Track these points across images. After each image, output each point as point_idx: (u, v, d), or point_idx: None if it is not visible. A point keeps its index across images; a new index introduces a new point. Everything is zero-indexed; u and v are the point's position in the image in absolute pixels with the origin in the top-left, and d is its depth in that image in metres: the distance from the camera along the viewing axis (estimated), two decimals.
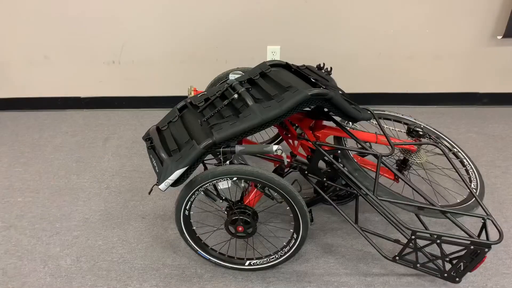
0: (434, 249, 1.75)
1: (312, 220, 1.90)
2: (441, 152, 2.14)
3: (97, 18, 2.63)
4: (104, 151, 2.54)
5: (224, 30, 2.66)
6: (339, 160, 1.81)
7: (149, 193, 1.52)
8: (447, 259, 1.58)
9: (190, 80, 2.85)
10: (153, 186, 1.54)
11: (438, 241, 1.47)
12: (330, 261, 1.79)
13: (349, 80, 2.85)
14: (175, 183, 1.46)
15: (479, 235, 1.52)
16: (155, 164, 1.52)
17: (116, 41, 2.71)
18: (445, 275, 1.57)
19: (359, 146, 1.85)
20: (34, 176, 2.33)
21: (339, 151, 1.79)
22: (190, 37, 2.70)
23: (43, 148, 2.57)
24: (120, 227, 1.98)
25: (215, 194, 1.64)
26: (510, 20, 2.52)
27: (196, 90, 1.92)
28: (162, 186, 1.44)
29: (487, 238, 1.47)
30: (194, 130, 1.56)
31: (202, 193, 1.58)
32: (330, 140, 2.30)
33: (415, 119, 2.09)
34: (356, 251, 1.83)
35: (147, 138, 1.65)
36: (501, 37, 2.61)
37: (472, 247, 1.45)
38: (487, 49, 2.71)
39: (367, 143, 2.11)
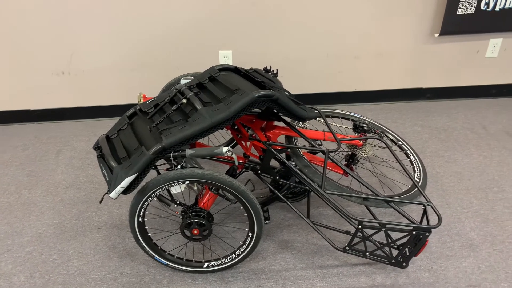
0: (384, 239, 1.84)
1: (268, 219, 1.96)
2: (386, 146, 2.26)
3: (43, 28, 2.57)
4: (57, 163, 2.48)
5: (175, 36, 2.68)
6: (291, 159, 1.87)
7: (100, 202, 1.52)
8: (395, 246, 1.67)
9: (143, 87, 2.84)
10: (104, 194, 1.54)
11: (383, 229, 1.56)
12: (287, 256, 1.84)
13: (300, 82, 2.93)
14: (126, 191, 1.46)
15: (420, 221, 1.62)
16: (105, 172, 1.52)
17: (64, 51, 2.67)
18: (393, 261, 1.66)
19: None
20: None
21: (289, 150, 1.85)
22: (141, 44, 2.69)
23: None
24: (76, 240, 1.94)
25: (169, 199, 1.65)
26: (445, 19, 2.70)
27: (146, 97, 1.93)
28: (113, 194, 1.44)
29: (428, 223, 1.57)
30: (144, 136, 1.57)
31: (156, 199, 1.59)
32: (282, 139, 2.37)
33: (361, 116, 2.19)
34: (311, 245, 1.90)
35: (97, 147, 1.64)
36: (438, 35, 2.78)
37: (414, 232, 1.55)
38: (426, 47, 2.88)
39: (318, 141, 2.19)
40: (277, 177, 1.85)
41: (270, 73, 1.94)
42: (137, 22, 2.61)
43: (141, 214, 1.57)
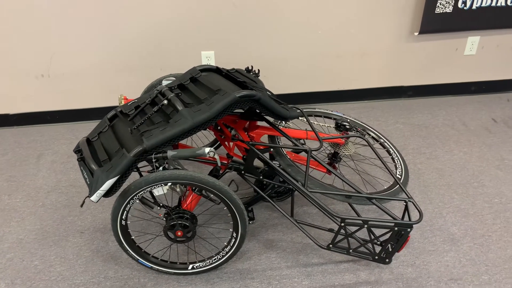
0: (367, 236, 1.86)
1: (253, 218, 1.96)
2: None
3: (21, 30, 2.53)
4: (38, 168, 2.44)
5: (157, 37, 2.66)
6: (274, 158, 1.88)
7: (81, 205, 1.50)
8: (378, 242, 1.69)
9: (125, 89, 2.81)
10: (85, 198, 1.52)
11: (366, 226, 1.58)
12: (272, 256, 1.84)
13: (283, 81, 2.94)
14: (107, 194, 1.45)
15: (402, 217, 1.64)
16: (86, 176, 1.50)
17: (44, 53, 2.62)
18: (376, 257, 1.68)
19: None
20: None
21: (272, 149, 1.86)
22: (122, 46, 2.67)
23: None
24: (58, 245, 1.92)
25: (152, 201, 1.64)
26: (424, 17, 2.74)
27: (127, 99, 1.92)
28: (94, 197, 1.42)
29: (409, 219, 1.60)
30: (125, 138, 1.55)
31: (138, 201, 1.57)
32: (265, 139, 2.37)
33: (343, 114, 2.20)
34: (296, 244, 1.90)
35: (77, 150, 1.62)
36: (417, 33, 2.82)
37: (396, 228, 1.57)
38: (407, 45, 2.92)
39: (301, 140, 2.20)
40: (261, 177, 1.85)
41: (251, 73, 1.95)
42: (118, 23, 2.58)
43: (123, 217, 1.56)
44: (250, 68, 1.95)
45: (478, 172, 2.35)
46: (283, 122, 2.16)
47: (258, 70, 1.95)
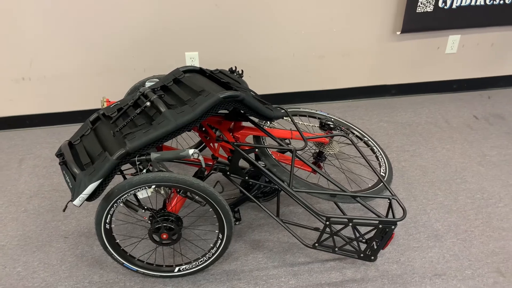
0: (352, 234, 1.87)
1: (240, 219, 1.96)
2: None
3: (0, 33, 2.48)
4: (20, 173, 2.40)
5: (140, 38, 2.64)
6: (260, 159, 1.88)
7: (64, 210, 1.48)
8: (363, 240, 1.70)
9: (108, 91, 2.78)
10: (68, 202, 1.50)
11: (351, 224, 1.59)
12: (259, 256, 1.84)
13: (268, 82, 2.95)
14: (90, 198, 1.43)
15: (386, 215, 1.66)
16: (68, 180, 1.48)
17: (24, 56, 2.58)
18: (362, 255, 1.70)
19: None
20: None
21: (257, 150, 1.86)
22: (105, 48, 2.64)
23: None
24: (41, 250, 1.88)
25: (137, 204, 1.63)
26: (405, 17, 2.77)
27: (109, 101, 1.89)
28: (77, 201, 1.40)
29: (393, 217, 1.61)
30: (107, 141, 1.54)
31: (122, 204, 1.56)
32: (250, 140, 2.37)
33: (327, 114, 2.22)
34: (282, 243, 1.91)
35: (59, 154, 1.60)
36: (399, 32, 2.85)
37: (380, 226, 1.58)
38: (389, 45, 2.95)
39: (286, 140, 2.21)
40: (247, 178, 1.85)
41: (235, 73, 1.94)
42: (100, 25, 2.55)
43: (107, 220, 1.54)
44: (234, 68, 1.94)
45: (460, 169, 2.39)
46: (268, 122, 2.16)
47: (242, 70, 1.95)
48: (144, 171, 1.49)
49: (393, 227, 1.58)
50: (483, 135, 2.70)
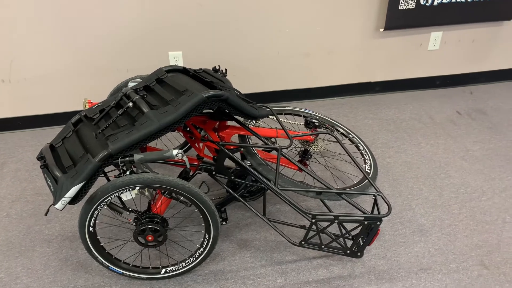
0: (338, 231, 1.88)
1: (226, 219, 1.95)
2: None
3: None
4: (2, 176, 2.35)
5: (123, 38, 2.60)
6: (246, 158, 1.87)
7: (46, 214, 1.45)
8: (349, 236, 1.71)
9: (92, 92, 2.74)
10: (50, 206, 1.47)
11: (337, 221, 1.59)
12: (246, 255, 1.84)
13: (253, 80, 2.94)
14: (73, 201, 1.40)
15: (372, 211, 1.67)
16: (50, 183, 1.46)
17: (3, 58, 2.52)
18: (348, 251, 1.71)
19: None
20: None
21: (242, 149, 1.85)
22: (87, 48, 2.59)
23: None
24: (24, 255, 1.85)
25: (121, 206, 1.60)
26: (388, 14, 2.79)
27: (91, 102, 1.87)
28: (59, 205, 1.38)
29: (379, 213, 1.62)
30: (90, 143, 1.51)
31: (106, 207, 1.54)
32: (236, 139, 2.37)
33: (312, 111, 2.22)
34: (269, 242, 1.91)
35: (40, 157, 1.57)
36: (382, 29, 2.87)
37: (366, 222, 1.59)
38: (373, 42, 2.97)
39: (272, 139, 2.21)
40: (233, 177, 1.84)
41: (219, 72, 1.93)
42: (81, 25, 2.51)
43: (91, 223, 1.52)
44: (217, 67, 1.93)
45: (444, 164, 2.42)
46: (253, 121, 2.16)
47: (226, 69, 1.94)
48: (128, 172, 1.47)
49: (378, 223, 1.60)
50: (466, 130, 2.74)
